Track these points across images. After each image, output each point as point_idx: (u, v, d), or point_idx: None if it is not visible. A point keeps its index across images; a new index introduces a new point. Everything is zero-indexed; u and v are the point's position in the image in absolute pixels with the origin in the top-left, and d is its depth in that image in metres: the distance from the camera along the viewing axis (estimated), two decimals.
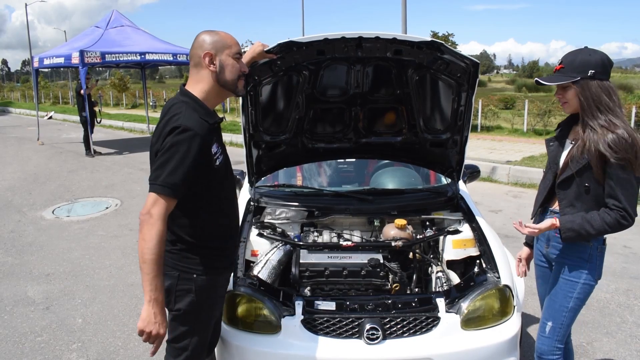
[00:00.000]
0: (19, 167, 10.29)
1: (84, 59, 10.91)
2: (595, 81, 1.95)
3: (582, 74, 1.95)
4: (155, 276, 1.75)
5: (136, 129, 17.27)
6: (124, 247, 5.32)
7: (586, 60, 1.96)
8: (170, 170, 1.74)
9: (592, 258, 2.09)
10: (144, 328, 1.77)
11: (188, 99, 1.89)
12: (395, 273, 2.60)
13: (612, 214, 1.95)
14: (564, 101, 2.07)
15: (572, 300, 2.12)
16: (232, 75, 1.94)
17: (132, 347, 3.32)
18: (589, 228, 1.97)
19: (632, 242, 5.27)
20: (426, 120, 3.00)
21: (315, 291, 2.60)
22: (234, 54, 1.94)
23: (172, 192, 1.76)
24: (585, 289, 2.12)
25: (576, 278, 2.10)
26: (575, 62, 1.98)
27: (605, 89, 1.96)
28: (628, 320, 3.63)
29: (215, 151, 1.92)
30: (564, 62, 2.02)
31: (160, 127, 1.85)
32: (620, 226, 1.96)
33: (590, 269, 2.10)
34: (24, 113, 26.89)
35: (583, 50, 2.02)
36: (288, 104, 2.89)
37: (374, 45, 2.54)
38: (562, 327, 2.15)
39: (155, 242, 1.73)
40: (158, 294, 1.77)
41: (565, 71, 2.00)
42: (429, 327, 2.24)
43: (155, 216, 1.74)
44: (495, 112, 15.05)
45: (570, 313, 2.14)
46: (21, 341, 3.43)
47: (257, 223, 2.92)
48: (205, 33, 1.95)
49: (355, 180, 3.72)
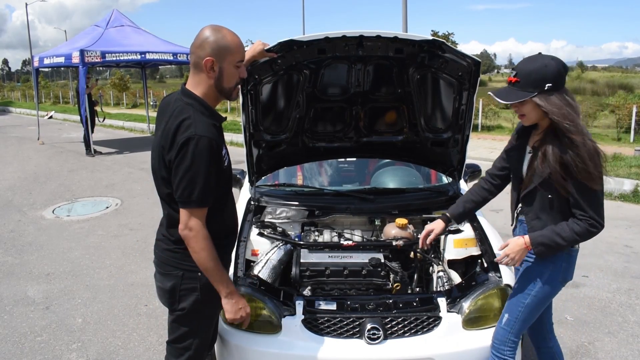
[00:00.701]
0: (19, 167, 10.29)
1: (85, 59, 10.90)
2: (553, 95, 1.88)
3: (539, 89, 1.88)
4: (222, 275, 1.89)
5: (136, 129, 17.26)
6: (124, 246, 5.31)
7: (542, 73, 1.88)
8: (201, 185, 1.78)
9: (557, 260, 2.05)
10: (234, 317, 1.97)
11: (193, 101, 1.86)
12: (397, 272, 2.59)
13: (580, 223, 1.93)
14: (521, 114, 2.00)
15: (530, 297, 2.09)
16: (229, 83, 1.91)
17: (132, 347, 3.31)
18: (559, 240, 1.95)
19: (633, 242, 5.27)
20: (427, 119, 2.99)
21: (316, 291, 2.59)
22: (237, 61, 1.88)
23: (205, 203, 1.83)
24: (546, 289, 2.08)
25: (537, 276, 2.08)
26: (531, 76, 1.89)
27: (565, 100, 1.89)
28: (630, 319, 3.62)
29: (224, 153, 1.94)
30: (519, 75, 1.93)
31: (170, 132, 1.80)
32: (590, 234, 1.93)
33: (554, 270, 2.06)
34: (25, 113, 26.89)
35: (538, 59, 1.93)
36: (288, 103, 2.88)
37: (375, 44, 2.53)
38: (516, 321, 2.12)
39: (207, 250, 1.83)
40: (231, 287, 1.93)
41: (522, 85, 1.92)
42: (430, 327, 2.23)
43: (195, 228, 1.82)
44: (495, 112, 15.05)
45: (527, 309, 2.10)
46: (21, 341, 3.43)
47: (258, 222, 2.91)
48: (211, 30, 1.84)
49: (356, 180, 3.71)
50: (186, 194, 1.79)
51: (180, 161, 1.78)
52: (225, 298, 1.91)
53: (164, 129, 1.85)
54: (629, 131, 12.07)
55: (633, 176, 7.35)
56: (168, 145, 1.81)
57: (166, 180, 1.87)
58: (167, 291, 1.97)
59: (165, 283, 1.97)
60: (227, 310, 1.94)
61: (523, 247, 2.03)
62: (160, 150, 1.85)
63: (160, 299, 2.06)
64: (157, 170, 1.91)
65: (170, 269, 1.96)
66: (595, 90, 28.42)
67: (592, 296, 4.01)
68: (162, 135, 1.85)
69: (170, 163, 1.81)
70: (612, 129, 13.20)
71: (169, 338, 2.06)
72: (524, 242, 2.02)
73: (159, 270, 2.02)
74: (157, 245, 2.04)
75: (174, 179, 1.82)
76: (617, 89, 24.26)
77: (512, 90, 1.95)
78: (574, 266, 2.11)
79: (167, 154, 1.82)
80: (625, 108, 12.51)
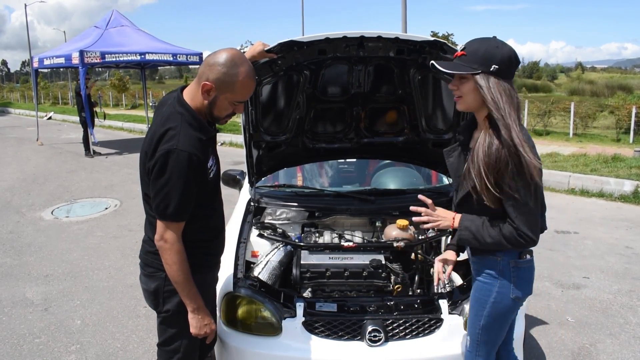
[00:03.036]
0: (18, 168, 10.26)
1: (84, 59, 10.88)
2: (497, 79, 1.70)
3: (484, 68, 1.70)
4: (190, 290, 1.87)
5: (136, 130, 17.24)
6: (123, 247, 5.29)
7: (492, 52, 1.70)
8: (177, 200, 1.77)
9: (504, 274, 1.86)
10: (198, 332, 1.94)
11: (184, 111, 1.84)
12: (397, 274, 2.58)
13: (510, 229, 1.74)
14: (458, 95, 1.80)
15: (484, 319, 1.92)
16: (220, 113, 1.88)
17: (131, 349, 3.29)
18: (485, 234, 1.78)
19: (634, 243, 5.26)
20: (428, 120, 2.98)
21: (317, 292, 2.58)
22: (235, 101, 1.84)
23: (181, 218, 1.83)
24: (498, 308, 1.89)
25: (485, 296, 1.91)
26: (479, 51, 1.72)
27: (506, 90, 1.70)
28: (631, 321, 3.61)
29: (210, 164, 1.92)
30: (467, 50, 1.74)
31: (154, 139, 1.79)
32: (518, 244, 1.74)
33: (502, 286, 1.87)
34: (24, 113, 26.86)
35: (491, 40, 1.75)
36: (289, 104, 2.87)
37: (376, 44, 2.52)
38: (479, 344, 1.97)
39: (179, 264, 1.83)
40: (199, 302, 1.91)
41: (467, 60, 1.73)
42: (431, 329, 2.22)
43: (170, 241, 1.81)
44: None
45: (484, 331, 1.94)
46: (19, 343, 3.41)
47: (258, 224, 2.89)
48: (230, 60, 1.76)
49: (356, 181, 3.69)
50: (162, 207, 1.79)
51: (158, 174, 1.77)
52: (191, 313, 1.91)
53: (151, 133, 1.84)
54: (629, 132, 12.07)
55: (633, 177, 7.34)
56: (150, 152, 1.80)
57: (147, 184, 1.87)
58: (152, 293, 1.98)
59: (149, 285, 1.98)
60: (192, 325, 1.93)
61: (449, 219, 1.87)
62: (144, 155, 1.85)
63: (147, 301, 2.07)
64: (141, 172, 1.91)
65: (153, 271, 1.96)
66: (594, 91, 28.46)
67: (593, 297, 4.00)
68: (148, 140, 1.84)
69: (149, 171, 1.80)
70: (612, 130, 13.18)
71: (158, 341, 2.07)
72: (453, 217, 1.87)
73: (143, 272, 2.02)
74: (142, 247, 2.05)
75: (151, 190, 1.82)
76: (616, 90, 24.28)
77: (454, 63, 1.77)
78: (528, 281, 1.91)
79: (148, 161, 1.81)
80: (624, 109, 12.50)
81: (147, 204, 1.94)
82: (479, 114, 1.83)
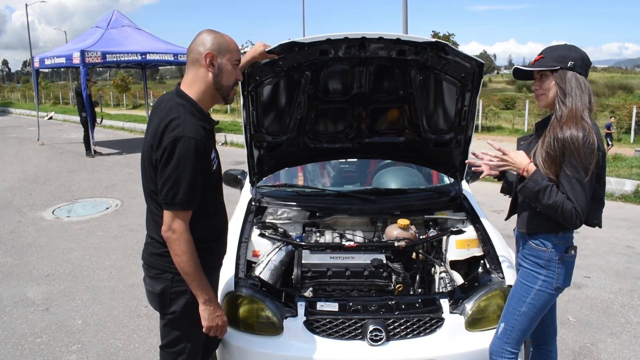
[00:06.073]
0: (19, 168, 10.28)
1: (85, 59, 10.89)
2: (573, 73, 1.93)
3: (562, 64, 1.93)
4: (201, 280, 1.85)
5: (137, 130, 17.26)
6: (124, 247, 5.30)
7: (566, 52, 1.96)
8: (185, 187, 1.77)
9: (550, 265, 2.01)
10: (210, 325, 1.92)
11: (185, 102, 1.86)
12: (399, 274, 2.57)
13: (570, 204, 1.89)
14: (540, 93, 2.03)
15: (525, 305, 2.05)
16: (228, 81, 1.92)
17: (133, 349, 3.30)
18: (546, 194, 1.89)
19: (635, 242, 5.26)
20: (429, 120, 2.98)
21: (318, 292, 2.57)
22: (234, 60, 1.92)
23: (190, 206, 1.82)
24: (541, 296, 2.03)
25: (531, 283, 2.04)
26: (554, 52, 1.97)
27: (583, 84, 1.93)
28: (632, 320, 3.61)
29: (213, 157, 1.94)
30: (544, 53, 2.01)
31: (159, 131, 1.81)
32: (571, 218, 1.89)
33: (548, 276, 2.01)
34: (25, 113, 26.90)
35: (564, 45, 2.02)
36: (290, 104, 2.86)
37: (378, 45, 2.52)
38: (513, 330, 2.07)
39: (189, 253, 1.81)
40: (210, 293, 1.90)
41: (545, 61, 1.98)
42: (433, 328, 2.22)
43: (178, 231, 1.80)
44: (496, 113, 15.06)
45: (523, 317, 2.06)
46: (20, 343, 3.41)
47: (259, 223, 2.90)
48: (209, 32, 1.91)
49: (357, 180, 3.69)
50: (170, 196, 1.78)
51: (166, 162, 1.78)
52: (202, 304, 1.89)
53: (154, 127, 1.85)
54: (629, 132, 12.06)
55: (634, 177, 7.34)
56: (156, 144, 1.81)
57: (153, 179, 1.87)
58: (158, 295, 1.96)
59: (155, 287, 1.97)
60: (203, 317, 1.90)
61: (522, 165, 1.97)
62: (149, 149, 1.85)
63: (151, 303, 2.06)
64: (145, 168, 1.91)
65: (159, 273, 1.95)
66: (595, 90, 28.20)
67: (594, 297, 4.00)
68: (151, 134, 1.85)
69: (156, 162, 1.81)
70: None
71: (161, 343, 2.05)
72: (528, 163, 1.96)
73: (148, 274, 2.01)
74: (146, 248, 2.04)
75: (159, 180, 1.82)
76: (617, 90, 24.26)
77: (536, 65, 2.01)
78: (570, 274, 2.06)
79: (154, 153, 1.82)
80: (625, 109, 12.50)
81: (152, 202, 1.93)
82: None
